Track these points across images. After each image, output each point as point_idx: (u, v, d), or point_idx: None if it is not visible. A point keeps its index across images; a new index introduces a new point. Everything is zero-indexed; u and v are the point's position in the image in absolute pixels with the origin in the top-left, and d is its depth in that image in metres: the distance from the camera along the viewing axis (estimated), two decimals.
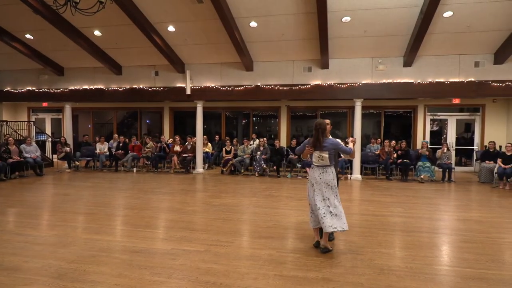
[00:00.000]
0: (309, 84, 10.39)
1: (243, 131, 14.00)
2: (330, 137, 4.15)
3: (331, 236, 4.34)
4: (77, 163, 11.58)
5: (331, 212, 3.94)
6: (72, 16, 7.64)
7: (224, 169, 10.92)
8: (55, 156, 12.33)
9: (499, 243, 4.41)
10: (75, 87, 12.15)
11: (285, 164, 10.71)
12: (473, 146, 11.83)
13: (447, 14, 8.13)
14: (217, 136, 13.12)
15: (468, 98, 10.36)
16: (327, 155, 4.01)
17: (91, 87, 12.06)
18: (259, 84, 10.76)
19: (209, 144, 12.34)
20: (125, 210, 6.11)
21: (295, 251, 4.05)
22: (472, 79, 9.55)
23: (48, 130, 14.78)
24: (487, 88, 9.45)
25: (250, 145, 11.36)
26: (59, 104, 13.31)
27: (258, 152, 10.61)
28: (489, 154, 9.51)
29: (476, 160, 11.19)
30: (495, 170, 8.86)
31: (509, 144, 8.84)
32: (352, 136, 4.44)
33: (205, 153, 11.75)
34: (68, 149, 11.46)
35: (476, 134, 11.75)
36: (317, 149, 4.03)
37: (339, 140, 4.16)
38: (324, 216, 3.93)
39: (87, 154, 12.00)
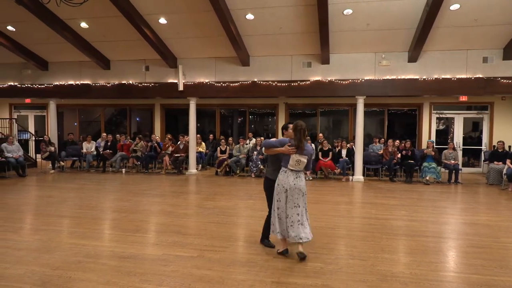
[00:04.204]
0: (309, 80, 10.40)
1: (239, 129, 14.00)
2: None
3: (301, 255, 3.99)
4: (62, 163, 11.51)
5: (298, 221, 3.93)
6: (57, 7, 7.57)
7: (219, 170, 10.91)
8: (38, 156, 12.27)
9: (508, 248, 4.44)
10: (60, 83, 12.08)
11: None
12: (481, 146, 11.91)
13: (454, 7, 8.16)
14: (211, 135, 13.10)
15: (476, 95, 10.42)
16: (305, 160, 4.00)
17: (77, 82, 11.99)
18: (255, 80, 10.75)
19: (203, 143, 12.32)
20: (113, 213, 6.09)
21: (294, 256, 4.04)
22: (480, 76, 9.59)
23: (31, 128, 14.69)
24: (495, 85, 9.50)
25: (246, 144, 11.35)
26: (43, 101, 13.21)
27: (255, 152, 10.61)
28: (497, 154, 9.57)
29: (484, 161, 11.26)
30: (504, 171, 8.90)
31: None
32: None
33: (199, 153, 11.73)
34: (52, 148, 11.38)
35: (484, 133, 11.83)
36: (298, 152, 3.95)
37: None
38: (291, 226, 3.92)
39: (73, 154, 11.94)
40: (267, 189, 4.31)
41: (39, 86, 12.18)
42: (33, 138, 13.65)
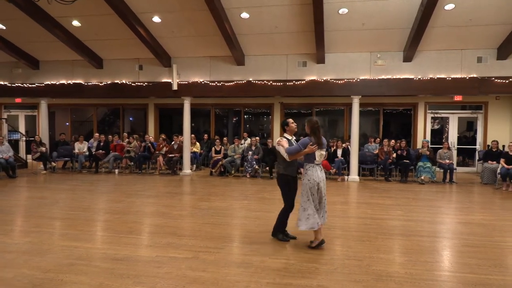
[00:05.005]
0: (304, 80, 10.41)
1: (234, 129, 13.99)
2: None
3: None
4: (53, 164, 11.41)
5: (320, 207, 4.42)
6: (48, 5, 7.51)
7: (213, 170, 10.88)
8: (29, 156, 12.16)
9: (502, 247, 4.47)
10: (52, 82, 11.98)
11: None
12: (475, 145, 12.01)
13: (449, 6, 8.22)
14: (205, 135, 13.08)
15: (470, 95, 10.51)
16: (325, 152, 4.47)
17: (69, 81, 11.90)
18: (250, 79, 10.75)
19: (197, 143, 12.29)
20: (106, 214, 6.05)
21: (289, 257, 4.05)
22: (475, 75, 9.68)
23: (22, 128, 14.57)
24: (490, 84, 9.58)
25: (241, 144, 11.35)
26: (34, 100, 13.11)
27: (250, 152, 10.61)
28: (492, 154, 9.65)
29: (478, 160, 11.36)
30: (498, 170, 8.98)
31: None
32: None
33: (193, 153, 11.69)
34: (43, 149, 11.29)
35: (479, 133, 11.93)
36: (319, 147, 4.30)
37: None
38: (317, 212, 4.38)
39: (65, 154, 11.85)
40: (285, 185, 4.49)
41: (30, 86, 12.06)
42: (24, 138, 13.52)
